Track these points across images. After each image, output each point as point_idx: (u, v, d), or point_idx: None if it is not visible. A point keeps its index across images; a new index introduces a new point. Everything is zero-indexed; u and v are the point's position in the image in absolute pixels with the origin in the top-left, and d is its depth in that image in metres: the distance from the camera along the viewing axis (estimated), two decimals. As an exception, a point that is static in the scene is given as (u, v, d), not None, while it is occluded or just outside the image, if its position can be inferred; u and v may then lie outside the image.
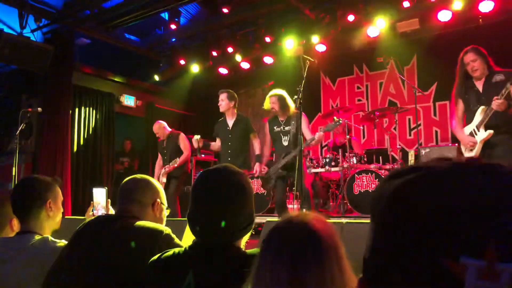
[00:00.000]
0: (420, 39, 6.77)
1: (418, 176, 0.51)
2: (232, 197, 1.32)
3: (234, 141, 5.06)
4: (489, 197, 0.47)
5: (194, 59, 7.64)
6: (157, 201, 1.78)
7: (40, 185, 1.94)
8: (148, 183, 1.80)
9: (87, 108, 7.27)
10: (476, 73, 3.63)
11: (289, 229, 0.95)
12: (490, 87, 3.56)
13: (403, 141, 7.04)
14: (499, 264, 0.42)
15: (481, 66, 3.61)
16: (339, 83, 8.02)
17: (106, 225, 1.66)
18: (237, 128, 5.08)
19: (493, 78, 3.59)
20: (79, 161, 6.99)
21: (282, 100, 4.75)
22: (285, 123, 4.82)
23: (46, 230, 1.90)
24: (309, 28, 6.49)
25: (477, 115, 3.61)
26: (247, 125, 5.12)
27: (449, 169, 0.51)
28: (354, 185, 5.37)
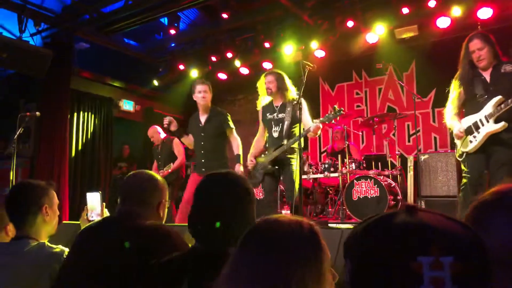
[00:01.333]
0: (419, 45, 6.79)
1: (374, 220, 0.74)
2: (232, 203, 1.32)
3: (208, 140, 4.43)
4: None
5: (193, 64, 7.64)
6: (163, 201, 1.77)
7: (35, 190, 1.92)
8: (156, 184, 1.77)
9: (86, 112, 7.26)
10: (482, 63, 3.32)
11: (273, 229, 0.92)
12: (500, 77, 3.28)
13: (402, 147, 7.03)
14: (441, 258, 0.63)
15: (488, 55, 3.29)
16: (338, 89, 8.03)
17: (113, 228, 1.64)
18: (211, 125, 4.46)
19: (502, 68, 3.29)
20: (77, 166, 6.96)
21: (280, 80, 4.15)
22: (280, 109, 4.16)
23: (42, 235, 1.87)
24: (308, 34, 6.50)
25: (489, 105, 3.27)
26: (222, 120, 4.47)
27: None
28: (353, 191, 5.35)
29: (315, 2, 6.16)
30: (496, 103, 3.25)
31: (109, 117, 7.64)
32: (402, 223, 0.69)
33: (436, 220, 0.68)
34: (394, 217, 0.71)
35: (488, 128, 3.27)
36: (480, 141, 3.32)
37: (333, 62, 7.35)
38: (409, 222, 0.68)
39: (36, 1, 6.25)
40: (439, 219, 0.69)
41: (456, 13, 5.51)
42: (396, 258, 0.65)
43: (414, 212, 0.70)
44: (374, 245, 0.70)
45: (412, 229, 0.67)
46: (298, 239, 0.88)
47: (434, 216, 0.70)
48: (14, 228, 1.97)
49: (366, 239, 0.72)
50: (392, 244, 0.67)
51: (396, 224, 0.69)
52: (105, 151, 7.46)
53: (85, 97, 7.29)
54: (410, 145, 7.10)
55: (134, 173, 1.82)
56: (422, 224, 0.68)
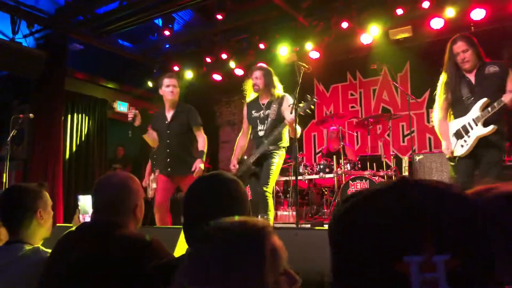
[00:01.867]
0: (413, 46, 6.82)
1: (358, 200, 0.60)
2: (224, 205, 1.29)
3: (174, 138, 4.18)
4: (419, 206, 0.55)
5: (188, 66, 7.62)
6: (139, 204, 1.71)
7: (28, 195, 1.87)
8: (131, 187, 1.68)
9: (80, 114, 7.22)
10: (467, 65, 3.35)
11: (227, 232, 0.90)
12: (484, 78, 3.32)
13: (396, 148, 7.06)
14: (435, 257, 0.52)
15: (472, 57, 3.33)
16: (333, 90, 8.04)
17: (90, 236, 1.59)
18: (177, 121, 4.19)
19: (486, 69, 3.33)
20: (71, 168, 6.92)
21: (268, 76, 4.02)
22: (266, 106, 4.02)
23: (36, 239, 1.85)
24: (303, 35, 6.51)
25: (476, 108, 3.30)
26: (190, 117, 4.21)
27: (378, 191, 0.60)
28: (348, 191, 5.36)
29: (310, 3, 6.17)
30: (482, 105, 3.29)
31: (103, 118, 7.60)
32: (387, 208, 0.56)
33: (433, 200, 0.55)
34: (379, 197, 0.58)
35: (478, 132, 3.29)
36: (471, 145, 3.34)
37: (328, 63, 7.36)
38: (396, 207, 0.55)
39: (29, 2, 6.21)
40: (436, 197, 0.56)
41: (449, 14, 5.54)
42: (378, 256, 0.54)
43: (405, 188, 0.57)
44: (352, 236, 0.58)
45: (399, 217, 0.54)
46: (239, 244, 0.86)
47: (430, 193, 0.57)
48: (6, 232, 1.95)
49: (345, 227, 0.60)
50: (373, 238, 0.55)
51: (380, 210, 0.56)
52: (99, 152, 7.42)
53: (79, 99, 7.25)
54: (405, 145, 7.13)
55: (106, 179, 1.71)
56: (412, 208, 0.55)
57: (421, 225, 0.53)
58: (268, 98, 4.05)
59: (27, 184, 1.98)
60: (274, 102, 3.99)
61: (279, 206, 6.28)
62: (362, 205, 0.59)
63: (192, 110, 4.29)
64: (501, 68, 3.30)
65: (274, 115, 3.95)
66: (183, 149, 4.21)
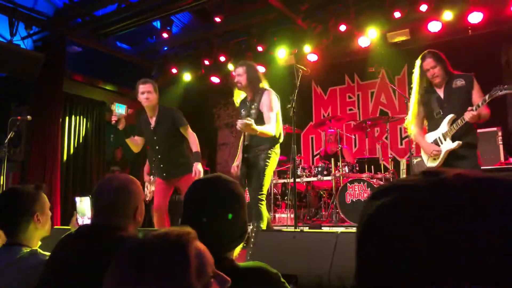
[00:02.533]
0: (411, 49, 6.82)
1: (390, 203, 0.51)
2: (223, 207, 1.29)
3: (162, 144, 4.10)
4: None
5: (186, 68, 7.63)
6: (139, 206, 1.71)
7: (25, 198, 1.85)
8: (131, 190, 1.68)
9: (78, 116, 7.21)
10: (437, 80, 3.48)
11: (154, 245, 0.89)
12: (452, 93, 3.45)
13: (394, 150, 7.07)
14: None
15: (440, 73, 3.46)
16: (331, 92, 8.06)
17: (89, 239, 1.58)
18: (162, 126, 4.10)
19: (453, 83, 3.46)
20: (69, 170, 6.91)
21: (251, 72, 3.79)
22: (251, 102, 3.80)
23: (34, 242, 1.85)
24: (301, 38, 6.53)
25: (444, 124, 3.45)
26: (174, 118, 4.09)
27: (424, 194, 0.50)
28: (346, 194, 5.36)
29: (308, 6, 6.18)
30: (449, 121, 3.43)
31: (101, 120, 7.59)
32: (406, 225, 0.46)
33: (474, 210, 0.44)
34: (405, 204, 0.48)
35: (447, 146, 3.44)
36: (442, 158, 3.47)
37: (326, 66, 7.38)
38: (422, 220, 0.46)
39: (27, 4, 6.21)
40: (480, 203, 0.45)
41: (447, 18, 5.56)
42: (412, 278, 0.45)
43: (439, 187, 0.48)
44: (382, 241, 0.50)
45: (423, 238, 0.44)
46: (161, 258, 0.85)
47: (472, 193, 0.46)
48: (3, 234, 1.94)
49: (376, 230, 0.51)
50: (391, 256, 0.47)
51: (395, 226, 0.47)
52: (97, 154, 7.41)
53: (77, 101, 7.25)
54: (403, 148, 7.14)
55: (107, 181, 1.70)
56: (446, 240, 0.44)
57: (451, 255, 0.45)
58: (252, 95, 3.80)
59: (24, 186, 1.95)
60: (256, 99, 3.73)
61: (277, 209, 6.28)
62: (392, 209, 0.50)
63: (174, 111, 4.21)
64: (467, 81, 3.42)
65: (255, 115, 3.66)
66: (174, 152, 4.14)
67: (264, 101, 3.69)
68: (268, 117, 3.63)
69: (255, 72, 3.83)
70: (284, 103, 4.15)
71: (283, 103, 4.37)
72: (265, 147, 3.74)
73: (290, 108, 3.88)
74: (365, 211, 0.54)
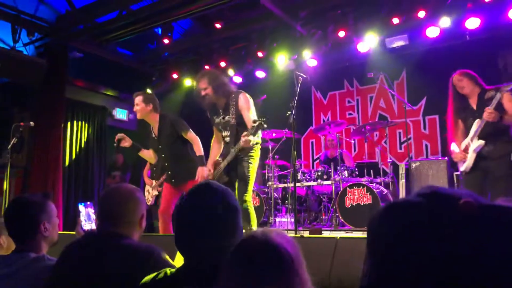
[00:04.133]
0: (409, 54, 6.91)
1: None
2: (219, 216, 1.27)
3: (167, 151, 4.23)
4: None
5: (187, 73, 7.68)
6: (144, 214, 1.75)
7: (31, 208, 1.89)
8: (137, 199, 1.73)
9: (79, 121, 7.24)
10: (465, 91, 3.82)
11: (252, 245, 0.98)
12: (483, 103, 3.71)
13: (393, 155, 7.12)
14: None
15: (467, 84, 3.80)
16: (330, 97, 8.12)
17: (94, 246, 1.62)
18: (164, 134, 4.23)
19: (485, 95, 3.74)
20: (71, 175, 6.94)
21: (215, 81, 3.75)
22: (224, 111, 3.74)
23: (42, 248, 1.89)
24: (300, 44, 6.59)
25: (473, 128, 3.76)
26: (174, 125, 4.20)
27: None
28: (346, 198, 5.41)
29: (307, 12, 6.25)
30: (475, 124, 3.72)
31: (103, 126, 7.64)
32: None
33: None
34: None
35: (473, 146, 3.70)
36: (470, 158, 3.71)
37: (325, 71, 7.44)
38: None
39: (29, 11, 6.28)
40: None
41: (445, 23, 5.62)
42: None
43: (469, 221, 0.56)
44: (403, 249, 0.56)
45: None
46: (275, 254, 0.94)
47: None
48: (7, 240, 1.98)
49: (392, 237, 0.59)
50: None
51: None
52: (98, 160, 7.45)
53: (78, 106, 7.28)
54: (402, 152, 7.19)
55: (112, 191, 1.75)
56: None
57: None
58: (224, 101, 3.78)
59: (31, 196, 2.00)
60: (231, 104, 3.71)
61: (278, 213, 6.33)
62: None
63: (174, 119, 4.31)
64: (496, 91, 3.67)
65: (234, 120, 3.66)
66: (179, 158, 4.24)
67: (242, 103, 3.68)
68: (250, 119, 3.57)
69: (218, 78, 3.80)
70: (284, 108, 4.20)
71: (282, 108, 4.43)
72: (244, 152, 3.72)
73: (290, 115, 3.92)
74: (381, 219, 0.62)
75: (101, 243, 1.62)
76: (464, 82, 3.82)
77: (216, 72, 3.97)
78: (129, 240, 1.64)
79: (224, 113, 3.77)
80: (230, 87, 3.83)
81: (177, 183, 4.26)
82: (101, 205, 1.72)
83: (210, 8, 5.76)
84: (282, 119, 4.52)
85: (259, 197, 6.19)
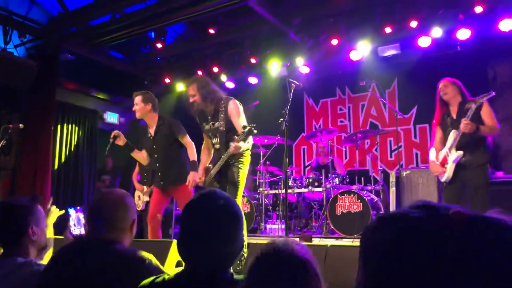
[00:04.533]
0: (401, 63, 6.97)
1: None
2: (221, 223, 1.30)
3: (161, 152, 4.20)
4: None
5: (179, 78, 7.66)
6: (135, 219, 1.74)
7: (18, 211, 1.86)
8: (128, 204, 1.72)
9: (70, 124, 7.18)
10: (446, 97, 3.88)
11: (277, 256, 0.99)
12: (462, 113, 3.76)
13: (384, 163, 7.16)
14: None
15: (450, 90, 3.85)
16: (322, 104, 8.15)
17: (84, 252, 1.60)
18: (160, 135, 4.21)
19: (465, 105, 3.78)
20: (60, 179, 6.87)
21: (204, 88, 3.74)
22: (213, 117, 3.74)
23: (31, 253, 1.86)
24: (293, 51, 6.62)
25: (449, 138, 3.80)
26: (171, 128, 4.20)
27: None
28: (337, 205, 5.41)
29: (301, 20, 6.28)
30: (452, 134, 3.77)
31: (93, 129, 7.58)
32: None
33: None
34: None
35: (452, 157, 3.74)
36: (450, 169, 3.76)
37: (318, 78, 7.48)
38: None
39: (21, 12, 6.23)
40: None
41: (436, 33, 5.68)
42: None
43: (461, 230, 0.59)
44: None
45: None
46: (301, 266, 0.97)
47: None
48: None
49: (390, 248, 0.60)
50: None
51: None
52: (88, 163, 7.38)
53: (69, 109, 7.22)
54: (392, 160, 7.23)
55: (103, 196, 1.74)
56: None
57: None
58: (213, 107, 3.76)
59: (18, 199, 1.97)
60: (220, 110, 3.70)
61: (268, 219, 6.31)
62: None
63: (173, 121, 4.30)
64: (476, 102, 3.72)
65: (223, 126, 3.65)
66: (172, 161, 4.21)
67: (232, 110, 3.68)
68: (240, 125, 3.57)
69: (206, 85, 3.78)
70: (276, 115, 4.21)
71: (275, 115, 4.44)
72: (234, 159, 3.72)
73: (282, 121, 3.93)
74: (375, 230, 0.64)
75: (92, 249, 1.60)
76: (447, 89, 3.87)
77: (205, 79, 3.94)
78: (120, 246, 1.62)
79: (213, 119, 3.76)
80: (220, 94, 3.81)
81: (165, 186, 4.22)
82: (92, 211, 1.70)
83: (204, 14, 5.76)
84: (274, 125, 4.52)
85: (249, 203, 6.16)
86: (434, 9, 5.60)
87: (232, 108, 3.69)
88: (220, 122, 3.68)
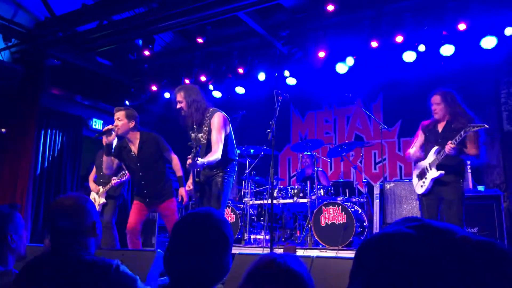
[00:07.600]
0: (387, 77, 7.08)
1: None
2: (210, 243, 1.30)
3: (147, 170, 4.11)
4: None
5: (166, 86, 7.64)
6: (94, 220, 1.69)
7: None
8: (83, 206, 1.67)
9: (54, 130, 7.07)
10: (435, 116, 3.94)
11: (272, 271, 0.99)
12: (449, 131, 3.82)
13: (368, 175, 7.22)
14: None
15: (441, 112, 3.89)
16: (308, 116, 8.21)
17: (49, 263, 1.55)
18: (145, 152, 4.10)
19: (454, 123, 3.83)
20: (41, 185, 6.73)
21: (190, 96, 3.74)
22: (198, 128, 3.74)
23: (9, 262, 1.82)
24: (281, 62, 6.67)
25: (431, 154, 3.89)
26: (157, 144, 4.14)
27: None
28: (321, 217, 5.43)
29: (289, 31, 6.34)
30: (434, 151, 3.86)
31: (77, 135, 7.48)
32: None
33: None
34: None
35: (432, 175, 3.84)
36: (427, 185, 3.88)
37: (304, 90, 7.54)
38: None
39: (6, 15, 6.15)
40: None
41: (421, 49, 5.79)
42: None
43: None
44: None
45: None
46: (297, 281, 1.03)
47: None
48: None
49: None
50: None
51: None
52: (72, 170, 7.27)
53: (53, 115, 7.12)
54: (377, 172, 7.30)
55: (59, 203, 1.69)
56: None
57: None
58: (199, 117, 3.76)
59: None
60: (205, 122, 3.71)
61: (253, 229, 6.29)
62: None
63: (157, 137, 4.24)
64: (464, 124, 3.74)
65: (204, 139, 3.64)
66: (158, 178, 4.16)
67: (214, 122, 3.70)
68: (215, 138, 3.61)
69: (194, 94, 3.78)
70: (263, 125, 4.24)
71: (261, 125, 4.46)
72: (218, 169, 3.74)
73: (269, 133, 3.95)
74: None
75: (56, 259, 1.55)
76: (439, 108, 3.89)
77: (195, 88, 3.92)
78: (85, 253, 1.57)
79: (198, 130, 3.76)
80: (205, 104, 3.80)
81: (151, 203, 4.21)
82: (51, 220, 1.65)
83: (192, 23, 5.77)
84: (260, 135, 4.53)
85: (234, 214, 6.14)
86: (419, 25, 5.71)
87: (215, 121, 3.70)
88: (202, 135, 3.69)
